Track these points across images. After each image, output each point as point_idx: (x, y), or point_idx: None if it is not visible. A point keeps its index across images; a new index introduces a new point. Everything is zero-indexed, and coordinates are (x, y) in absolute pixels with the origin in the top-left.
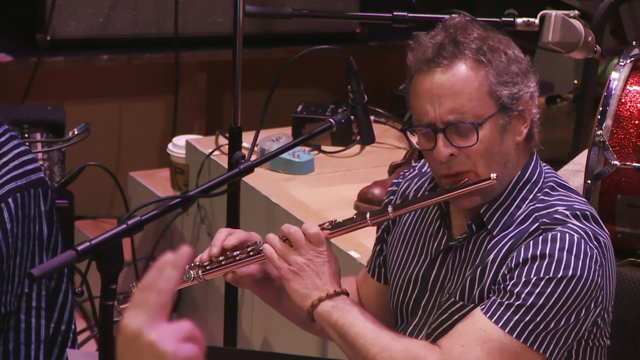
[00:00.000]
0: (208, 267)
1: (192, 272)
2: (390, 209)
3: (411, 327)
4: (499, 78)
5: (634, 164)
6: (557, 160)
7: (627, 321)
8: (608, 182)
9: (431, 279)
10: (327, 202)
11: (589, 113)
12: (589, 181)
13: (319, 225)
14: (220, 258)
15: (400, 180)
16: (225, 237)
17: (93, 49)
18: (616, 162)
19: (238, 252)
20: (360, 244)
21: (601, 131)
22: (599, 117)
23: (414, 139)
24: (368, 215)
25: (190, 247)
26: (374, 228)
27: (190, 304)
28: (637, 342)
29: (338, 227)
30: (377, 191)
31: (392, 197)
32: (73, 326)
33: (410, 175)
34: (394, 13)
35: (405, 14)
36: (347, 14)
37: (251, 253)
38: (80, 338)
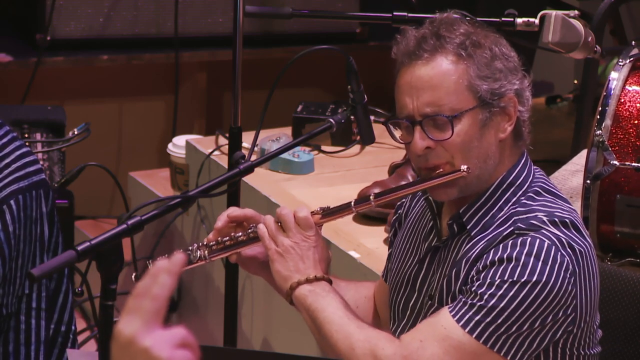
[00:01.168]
0: (214, 247)
1: (199, 251)
2: (372, 197)
3: (400, 327)
4: (479, 72)
5: (633, 164)
6: (557, 160)
7: (627, 321)
8: (607, 182)
9: (419, 279)
10: (327, 202)
11: (589, 113)
12: (588, 181)
13: (311, 211)
14: (225, 238)
15: None
16: (232, 210)
17: (93, 49)
18: (615, 162)
19: (240, 234)
20: (360, 244)
21: (600, 131)
22: (598, 117)
23: (398, 133)
24: (352, 203)
25: (184, 253)
26: (379, 229)
27: (190, 304)
28: (637, 342)
29: (328, 213)
30: (377, 191)
31: (399, 212)
32: (73, 327)
33: None
34: (394, 13)
35: (405, 14)
36: (347, 14)
37: (251, 235)
38: (80, 338)
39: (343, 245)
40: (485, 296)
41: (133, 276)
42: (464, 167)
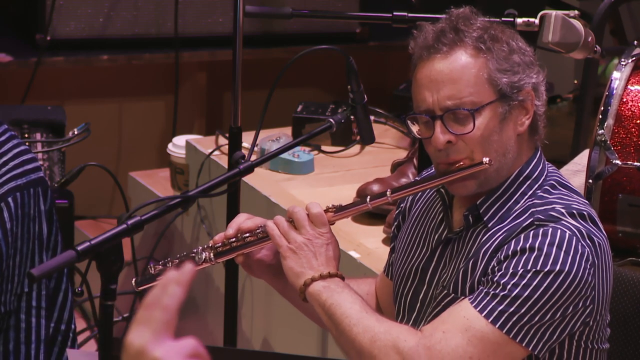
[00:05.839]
0: (220, 249)
1: (204, 253)
2: (389, 192)
3: (405, 319)
4: (498, 66)
5: (636, 164)
6: (557, 160)
7: (627, 321)
8: (609, 182)
9: (429, 271)
10: (327, 202)
11: (589, 113)
12: (590, 181)
13: (324, 209)
14: (232, 239)
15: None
16: (244, 220)
17: (93, 49)
18: (617, 162)
19: (248, 235)
20: (360, 244)
21: (603, 130)
22: (600, 116)
23: (415, 128)
24: (368, 199)
25: (189, 257)
26: (379, 229)
27: (190, 304)
28: (637, 342)
29: (341, 210)
30: (375, 187)
31: (402, 205)
32: (73, 326)
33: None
34: (394, 13)
35: (405, 14)
36: (347, 14)
37: (260, 235)
38: (80, 338)
39: (343, 245)
40: (509, 286)
41: (134, 281)
42: (485, 160)
